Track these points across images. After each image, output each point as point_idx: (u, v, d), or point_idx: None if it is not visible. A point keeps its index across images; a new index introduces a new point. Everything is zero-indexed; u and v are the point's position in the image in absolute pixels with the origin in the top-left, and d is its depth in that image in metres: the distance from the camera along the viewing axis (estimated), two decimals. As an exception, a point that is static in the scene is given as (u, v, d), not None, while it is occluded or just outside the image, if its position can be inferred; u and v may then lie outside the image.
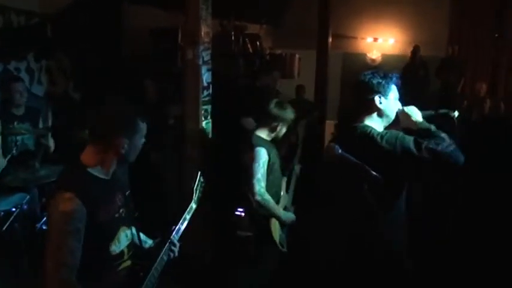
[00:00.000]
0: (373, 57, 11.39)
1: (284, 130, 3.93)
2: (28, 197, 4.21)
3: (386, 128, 2.83)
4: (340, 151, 2.63)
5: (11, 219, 3.94)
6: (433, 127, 2.71)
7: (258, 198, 3.65)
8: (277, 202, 3.90)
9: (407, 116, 2.79)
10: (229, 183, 4.23)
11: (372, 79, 2.82)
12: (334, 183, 3.03)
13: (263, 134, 3.88)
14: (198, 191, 2.97)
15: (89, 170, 2.25)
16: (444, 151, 2.55)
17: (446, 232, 5.21)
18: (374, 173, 2.54)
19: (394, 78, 2.85)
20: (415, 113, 2.80)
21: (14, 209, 4.01)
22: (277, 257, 3.90)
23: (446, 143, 2.58)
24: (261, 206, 3.69)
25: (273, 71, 7.09)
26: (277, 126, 3.86)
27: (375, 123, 2.81)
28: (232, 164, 4.10)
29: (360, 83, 2.88)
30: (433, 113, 2.86)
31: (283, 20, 11.15)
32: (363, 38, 11.43)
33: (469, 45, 10.89)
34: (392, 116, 2.84)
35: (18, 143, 4.65)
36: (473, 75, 10.82)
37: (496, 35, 10.70)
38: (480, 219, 5.24)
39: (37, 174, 4.19)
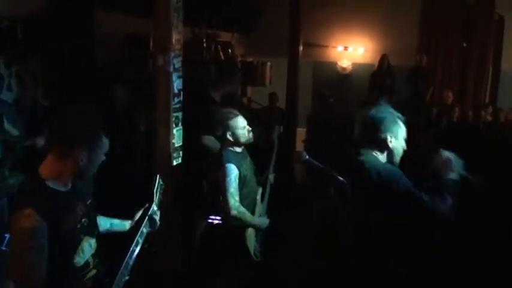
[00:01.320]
0: (344, 65, 11.53)
1: (250, 132, 3.89)
2: (-3, 206, 4.14)
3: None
4: (307, 157, 2.68)
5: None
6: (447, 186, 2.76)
7: (233, 212, 3.64)
8: (253, 212, 3.91)
9: (447, 162, 2.85)
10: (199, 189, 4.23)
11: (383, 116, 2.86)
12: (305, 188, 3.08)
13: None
14: (158, 193, 2.93)
15: (47, 182, 2.20)
16: (439, 210, 2.64)
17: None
18: (340, 178, 2.59)
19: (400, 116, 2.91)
20: (458, 165, 2.85)
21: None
22: (252, 267, 3.91)
23: (445, 204, 2.66)
24: (237, 219, 3.69)
25: (233, 77, 7.08)
26: (232, 134, 3.82)
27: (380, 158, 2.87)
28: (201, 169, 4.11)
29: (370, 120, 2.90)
30: (467, 175, 2.90)
31: (255, 28, 11.22)
32: (333, 47, 11.56)
33: (438, 54, 11.10)
34: (400, 154, 2.90)
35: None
36: (442, 83, 11.03)
37: (464, 44, 10.92)
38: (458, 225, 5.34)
39: (6, 183, 4.13)
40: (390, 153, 2.86)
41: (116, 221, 2.83)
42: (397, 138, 2.86)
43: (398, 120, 2.87)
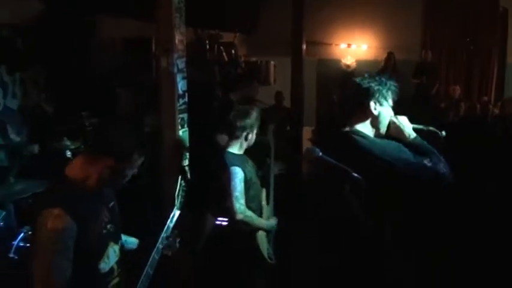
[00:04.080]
0: (348, 62, 11.47)
1: (254, 135, 3.84)
2: (4, 213, 4.10)
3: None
4: (320, 154, 2.60)
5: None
6: (425, 143, 2.67)
7: (239, 216, 3.58)
8: (261, 215, 3.86)
9: (399, 127, 2.75)
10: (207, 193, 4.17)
11: (369, 83, 2.71)
12: (316, 187, 2.99)
13: (235, 149, 3.79)
14: (180, 196, 2.88)
15: (75, 184, 2.14)
16: (442, 171, 2.54)
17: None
18: (355, 174, 2.51)
19: (390, 84, 2.75)
20: (407, 125, 2.75)
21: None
22: (267, 270, 3.86)
23: (442, 162, 2.56)
24: (244, 223, 3.63)
25: (252, 80, 7.06)
26: (247, 135, 3.76)
27: (367, 130, 2.73)
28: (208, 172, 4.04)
29: (355, 87, 2.75)
30: (423, 128, 2.78)
31: (258, 28, 11.18)
32: (336, 44, 11.51)
33: (442, 49, 11.04)
34: (386, 124, 2.77)
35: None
36: (448, 78, 10.98)
37: (468, 39, 10.85)
38: (461, 220, 5.28)
39: (12, 189, 4.09)
40: (375, 121, 2.73)
41: (131, 239, 2.76)
42: (382, 105, 2.72)
43: (383, 86, 2.71)
